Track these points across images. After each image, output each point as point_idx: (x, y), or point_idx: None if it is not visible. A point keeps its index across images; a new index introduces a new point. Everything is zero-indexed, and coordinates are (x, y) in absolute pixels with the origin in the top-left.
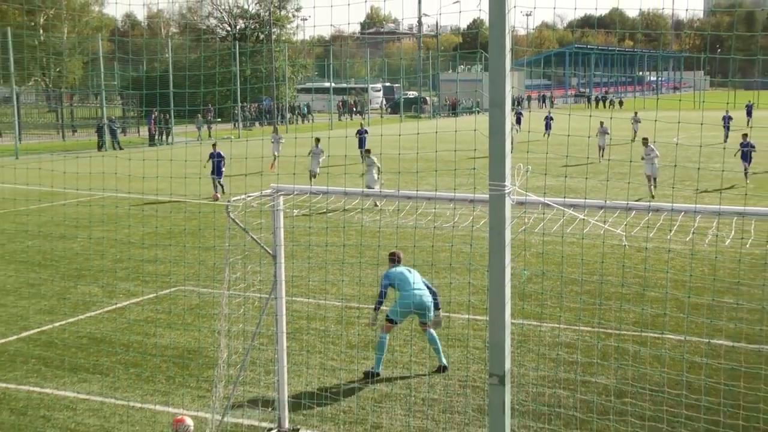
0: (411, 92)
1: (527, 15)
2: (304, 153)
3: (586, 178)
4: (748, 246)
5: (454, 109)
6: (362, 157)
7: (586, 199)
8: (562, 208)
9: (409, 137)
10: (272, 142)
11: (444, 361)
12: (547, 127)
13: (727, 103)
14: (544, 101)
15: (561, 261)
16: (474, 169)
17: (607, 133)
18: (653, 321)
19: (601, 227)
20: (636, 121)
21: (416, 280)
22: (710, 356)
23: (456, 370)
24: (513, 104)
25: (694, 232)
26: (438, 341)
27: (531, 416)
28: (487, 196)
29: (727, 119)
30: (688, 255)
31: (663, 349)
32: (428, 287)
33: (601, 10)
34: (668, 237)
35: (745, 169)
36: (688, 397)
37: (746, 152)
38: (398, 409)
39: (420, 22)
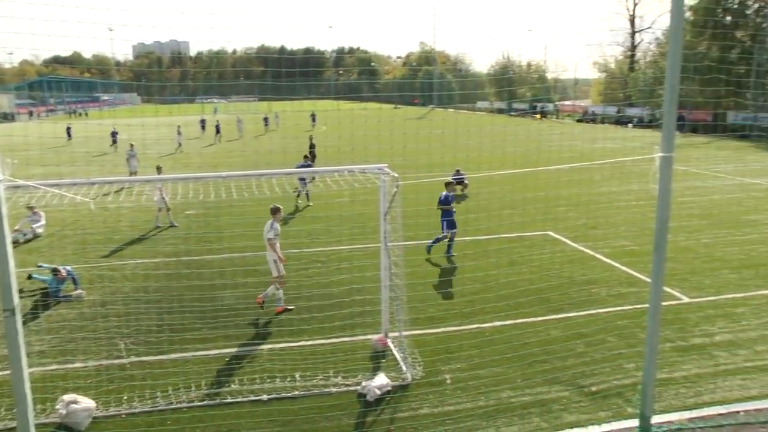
0: None
1: (11, 54)
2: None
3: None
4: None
5: None
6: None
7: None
8: (42, 187)
9: None
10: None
11: None
12: (114, 139)
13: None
14: (31, 115)
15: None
16: None
17: (136, 156)
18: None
19: (73, 197)
20: (115, 132)
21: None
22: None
23: None
24: (8, 118)
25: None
26: None
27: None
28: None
29: (202, 121)
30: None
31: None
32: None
33: (66, 52)
34: (131, 199)
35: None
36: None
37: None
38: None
39: None
